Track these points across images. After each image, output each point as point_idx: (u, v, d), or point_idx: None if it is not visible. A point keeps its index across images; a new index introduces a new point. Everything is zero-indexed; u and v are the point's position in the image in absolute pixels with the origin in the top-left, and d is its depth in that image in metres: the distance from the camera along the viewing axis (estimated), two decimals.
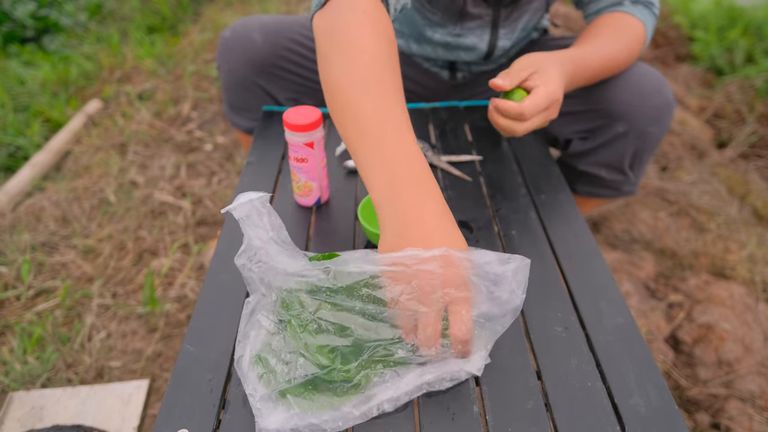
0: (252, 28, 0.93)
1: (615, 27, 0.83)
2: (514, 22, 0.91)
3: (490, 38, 0.92)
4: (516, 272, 0.50)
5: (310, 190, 0.74)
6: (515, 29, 0.92)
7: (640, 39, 0.83)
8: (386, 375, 0.52)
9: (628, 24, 0.83)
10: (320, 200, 0.77)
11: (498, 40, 0.92)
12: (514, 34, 0.93)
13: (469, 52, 0.95)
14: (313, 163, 0.72)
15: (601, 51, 0.81)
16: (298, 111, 0.70)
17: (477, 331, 0.52)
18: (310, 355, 0.50)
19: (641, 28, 0.83)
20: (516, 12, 0.89)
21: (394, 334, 0.50)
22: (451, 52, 0.96)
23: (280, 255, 0.50)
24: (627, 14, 0.84)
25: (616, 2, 0.85)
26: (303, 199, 0.76)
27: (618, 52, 0.82)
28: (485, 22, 0.89)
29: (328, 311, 0.50)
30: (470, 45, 0.92)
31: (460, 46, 0.93)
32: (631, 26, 0.83)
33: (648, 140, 0.89)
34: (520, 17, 0.91)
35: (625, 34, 0.82)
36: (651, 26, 0.85)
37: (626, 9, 0.84)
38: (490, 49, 0.93)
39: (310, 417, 0.49)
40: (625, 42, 0.82)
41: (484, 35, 0.91)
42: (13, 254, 1.33)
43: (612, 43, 0.82)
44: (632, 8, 0.84)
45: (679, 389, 1.08)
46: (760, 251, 1.37)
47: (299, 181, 0.74)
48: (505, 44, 0.94)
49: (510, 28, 0.92)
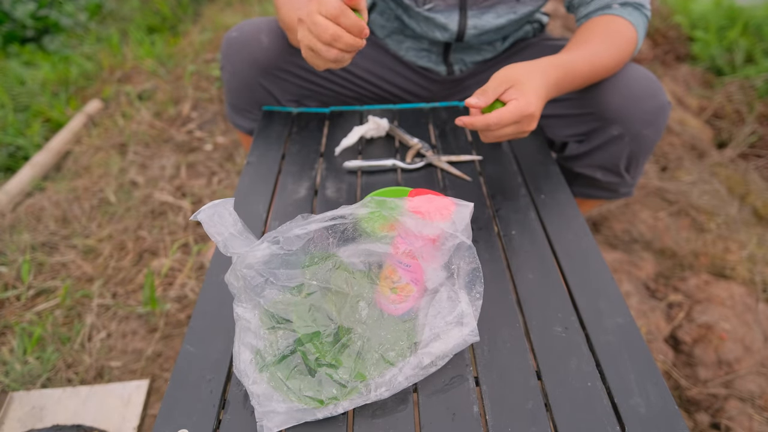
0: (260, 30, 0.93)
1: (604, 30, 0.83)
2: (485, 7, 0.91)
3: (459, 18, 0.92)
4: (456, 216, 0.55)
5: (408, 294, 0.58)
6: (485, 13, 0.92)
7: (630, 41, 0.83)
8: (386, 374, 0.52)
9: (618, 27, 0.83)
10: (413, 309, 0.59)
11: (467, 20, 0.92)
12: (486, 17, 0.92)
13: (443, 32, 0.94)
14: (429, 260, 0.57)
15: (590, 56, 0.81)
16: (429, 199, 0.56)
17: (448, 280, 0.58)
18: (296, 317, 0.53)
19: (631, 30, 0.83)
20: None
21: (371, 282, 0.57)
22: (430, 27, 0.96)
23: (236, 242, 0.53)
24: (617, 17, 0.84)
25: (605, 5, 0.85)
26: (393, 306, 0.58)
27: (607, 56, 0.82)
28: (452, 4, 0.90)
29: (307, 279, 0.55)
30: (442, 23, 0.93)
31: (434, 22, 0.93)
32: (621, 29, 0.83)
33: (643, 143, 0.89)
34: (492, 6, 0.91)
35: (615, 38, 0.83)
36: (642, 27, 0.85)
37: (616, 12, 0.84)
38: (460, 29, 0.93)
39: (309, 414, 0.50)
40: (614, 45, 0.82)
41: (452, 15, 0.91)
42: (13, 254, 1.33)
43: (601, 47, 0.82)
44: (621, 11, 0.84)
45: (679, 389, 1.08)
46: (760, 251, 1.37)
47: (398, 281, 0.57)
48: (477, 26, 0.93)
49: (479, 11, 0.91)
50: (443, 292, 0.57)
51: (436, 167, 0.86)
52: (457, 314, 0.56)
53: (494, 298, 0.63)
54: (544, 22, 1.07)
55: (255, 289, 0.53)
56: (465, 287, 0.57)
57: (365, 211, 0.55)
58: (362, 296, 0.57)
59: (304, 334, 0.52)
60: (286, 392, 0.51)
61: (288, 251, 0.53)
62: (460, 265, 0.57)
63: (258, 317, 0.54)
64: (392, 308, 0.58)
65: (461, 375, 0.55)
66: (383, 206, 0.55)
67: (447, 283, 0.58)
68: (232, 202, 0.53)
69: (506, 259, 0.70)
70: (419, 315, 0.57)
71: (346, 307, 0.55)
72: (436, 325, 0.55)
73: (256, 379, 0.51)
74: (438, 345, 0.54)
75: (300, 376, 0.52)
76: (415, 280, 0.57)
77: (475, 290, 0.58)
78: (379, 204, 0.55)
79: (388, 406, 0.53)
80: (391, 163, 0.85)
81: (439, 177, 0.84)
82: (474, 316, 0.56)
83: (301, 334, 0.52)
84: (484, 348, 0.58)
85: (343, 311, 0.55)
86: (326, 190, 0.82)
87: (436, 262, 0.56)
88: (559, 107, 0.94)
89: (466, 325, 0.55)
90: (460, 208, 0.55)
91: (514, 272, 0.67)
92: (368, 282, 0.58)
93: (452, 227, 0.54)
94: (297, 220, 0.55)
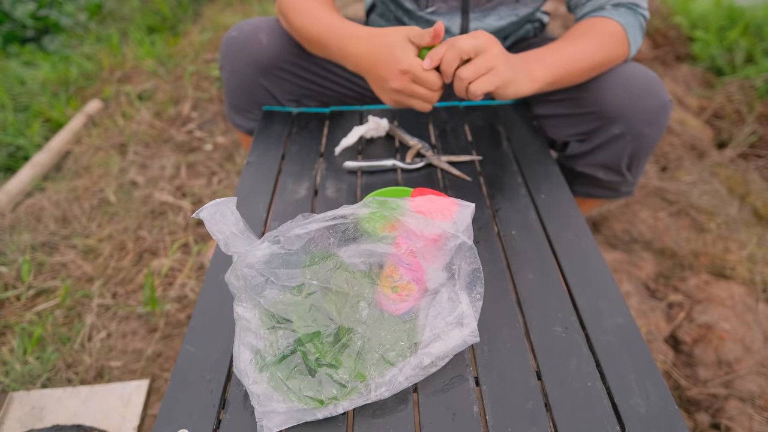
0: (259, 29, 0.93)
1: (587, 28, 0.85)
2: (487, 9, 0.92)
3: (462, 22, 0.93)
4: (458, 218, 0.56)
5: (409, 293, 0.58)
6: (487, 16, 0.93)
7: (615, 39, 0.85)
8: (386, 375, 0.52)
9: (603, 25, 0.85)
10: (413, 309, 0.60)
11: (470, 23, 0.93)
12: (488, 20, 0.93)
13: (445, 35, 0.95)
14: (430, 260, 0.57)
15: (568, 46, 0.83)
16: (431, 199, 0.57)
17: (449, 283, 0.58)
18: (297, 317, 0.53)
19: (617, 27, 0.85)
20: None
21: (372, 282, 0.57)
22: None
23: (237, 241, 0.54)
24: (605, 18, 0.86)
25: (598, 7, 0.88)
26: (394, 305, 0.58)
27: (587, 47, 0.83)
28: (453, 6, 0.91)
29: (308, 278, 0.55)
30: (444, 27, 0.93)
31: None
32: (606, 27, 0.84)
33: (644, 142, 0.89)
34: (494, 7, 0.92)
35: (597, 34, 0.84)
36: (634, 26, 0.86)
37: (606, 13, 0.86)
38: (462, 32, 0.94)
39: (309, 414, 0.50)
40: (596, 42, 0.84)
41: (455, 18, 0.92)
42: (13, 254, 1.33)
43: (581, 44, 0.83)
44: (612, 12, 0.86)
45: (679, 389, 1.08)
46: (760, 251, 1.37)
47: (399, 279, 0.57)
48: (479, 29, 0.93)
49: (481, 14, 0.92)
50: (444, 292, 0.58)
51: (436, 167, 0.86)
52: (457, 315, 0.56)
53: (494, 298, 0.63)
54: (545, 21, 1.07)
55: (255, 289, 0.53)
56: (466, 288, 0.58)
57: (366, 211, 0.55)
58: (363, 296, 0.57)
59: (304, 334, 0.52)
60: (286, 392, 0.51)
61: (289, 251, 0.53)
62: (461, 265, 0.57)
63: (258, 317, 0.54)
64: (393, 307, 0.58)
65: (461, 375, 0.55)
66: (384, 206, 0.55)
67: (448, 283, 0.58)
68: (235, 201, 0.53)
69: (506, 259, 0.70)
70: (420, 315, 0.57)
71: (346, 307, 0.55)
72: (436, 326, 0.55)
73: (256, 379, 0.51)
74: (438, 345, 0.54)
75: (300, 376, 0.52)
76: (416, 279, 0.57)
77: (476, 291, 0.58)
78: (380, 204, 0.55)
79: (388, 406, 0.53)
80: (391, 163, 0.85)
81: (439, 177, 0.84)
82: (474, 317, 0.56)
83: (301, 334, 0.52)
84: (484, 348, 0.58)
85: (344, 311, 0.55)
86: (326, 190, 0.82)
87: (437, 262, 0.56)
88: (559, 107, 0.94)
89: (466, 325, 0.55)
90: (462, 208, 0.55)
91: (514, 272, 0.67)
92: (369, 282, 0.58)
93: (454, 227, 0.54)
94: (297, 220, 0.55)
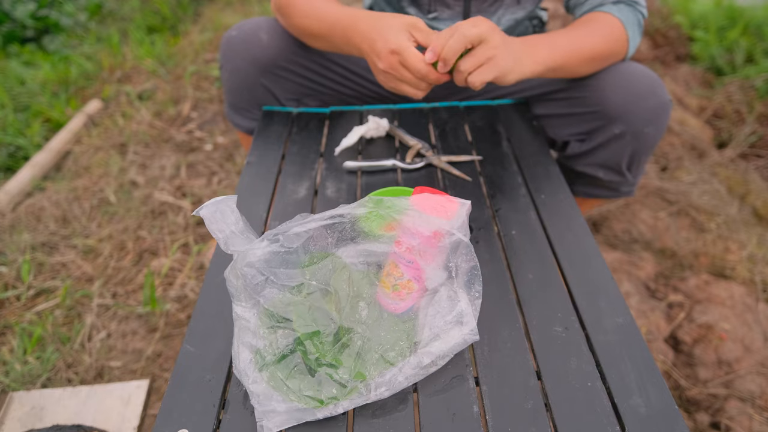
0: (260, 28, 0.93)
1: (588, 21, 0.86)
2: (488, 15, 0.94)
3: None
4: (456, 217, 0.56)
5: (409, 292, 0.58)
6: (488, 19, 0.93)
7: (616, 31, 0.85)
8: (386, 374, 0.52)
9: (604, 18, 0.86)
10: (413, 308, 0.59)
11: None
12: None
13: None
14: (429, 260, 0.57)
15: (571, 33, 0.83)
16: (428, 197, 0.57)
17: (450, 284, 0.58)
18: (296, 316, 0.53)
19: (615, 21, 0.85)
20: (487, 4, 0.92)
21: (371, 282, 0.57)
22: None
23: (237, 240, 0.54)
24: (604, 12, 0.87)
25: (597, 4, 0.89)
26: (394, 303, 0.58)
27: (590, 36, 0.84)
28: (456, 12, 0.93)
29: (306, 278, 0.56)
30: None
31: (436, 30, 0.94)
32: (606, 20, 0.85)
33: (644, 141, 0.89)
34: (495, 11, 0.94)
35: (599, 26, 0.85)
36: (633, 23, 0.87)
37: (604, 9, 0.87)
38: None
39: (309, 414, 0.50)
40: (597, 31, 0.85)
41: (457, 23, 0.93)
42: (13, 254, 1.33)
43: (582, 30, 0.84)
44: (611, 8, 0.87)
45: (679, 389, 1.08)
46: (760, 251, 1.37)
47: (400, 278, 0.57)
48: None
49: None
50: (443, 291, 0.58)
51: (436, 167, 0.86)
52: (456, 313, 0.56)
53: (494, 298, 0.63)
54: (545, 19, 1.07)
55: (255, 288, 0.53)
56: (464, 286, 0.58)
57: (363, 211, 0.55)
58: (362, 296, 0.57)
59: (304, 334, 0.52)
60: (286, 392, 0.51)
61: (288, 249, 0.54)
62: (459, 263, 0.57)
63: (257, 316, 0.54)
64: (393, 306, 0.58)
65: (461, 375, 0.55)
66: (380, 205, 0.55)
67: (446, 282, 0.58)
68: (235, 199, 0.53)
69: (506, 259, 0.70)
70: (419, 315, 0.57)
71: (346, 307, 0.55)
72: (435, 325, 0.55)
73: (256, 378, 0.51)
74: (438, 345, 0.54)
75: (300, 376, 0.52)
76: (416, 277, 0.57)
77: (474, 289, 0.58)
78: (377, 203, 0.55)
79: (388, 406, 0.53)
80: (391, 163, 0.85)
81: (439, 177, 0.84)
82: (474, 315, 0.56)
83: (300, 333, 0.52)
84: (484, 348, 0.58)
85: (343, 311, 0.55)
86: (326, 190, 0.82)
87: (435, 261, 0.56)
88: (560, 106, 0.94)
89: (465, 324, 0.55)
90: (458, 205, 0.55)
91: (514, 272, 0.67)
92: (368, 282, 0.58)
93: (449, 225, 0.54)
94: (296, 220, 0.55)
